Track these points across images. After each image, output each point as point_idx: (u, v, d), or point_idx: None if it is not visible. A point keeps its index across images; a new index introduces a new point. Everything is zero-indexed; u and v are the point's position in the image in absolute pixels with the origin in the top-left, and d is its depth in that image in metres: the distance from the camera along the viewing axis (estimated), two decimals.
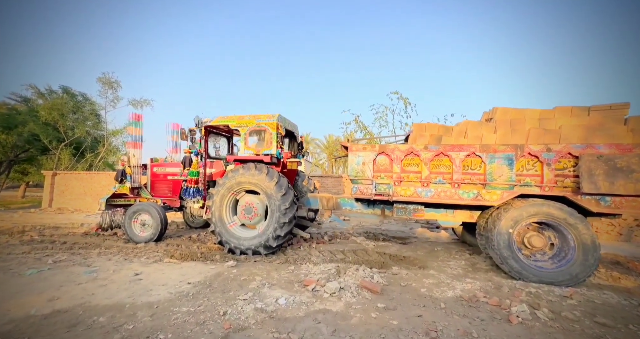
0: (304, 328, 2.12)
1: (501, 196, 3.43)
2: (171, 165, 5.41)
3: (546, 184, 3.26)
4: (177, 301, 2.53)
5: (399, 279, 3.23)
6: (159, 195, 5.29)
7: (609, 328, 2.13)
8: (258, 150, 4.28)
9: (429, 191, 3.69)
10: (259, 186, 4.06)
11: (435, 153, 3.63)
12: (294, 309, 2.42)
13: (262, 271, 3.48)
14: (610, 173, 2.96)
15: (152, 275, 3.23)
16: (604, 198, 3.06)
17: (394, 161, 3.81)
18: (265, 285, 2.95)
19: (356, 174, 3.93)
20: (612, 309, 2.43)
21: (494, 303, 2.52)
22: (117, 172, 5.52)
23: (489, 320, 2.26)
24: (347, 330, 2.09)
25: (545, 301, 2.59)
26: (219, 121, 4.53)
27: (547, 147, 3.24)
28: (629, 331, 2.09)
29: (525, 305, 2.40)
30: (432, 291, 2.88)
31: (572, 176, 3.21)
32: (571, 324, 2.19)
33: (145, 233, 4.75)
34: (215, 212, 4.21)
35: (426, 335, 2.03)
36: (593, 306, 2.49)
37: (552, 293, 2.81)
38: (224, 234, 4.15)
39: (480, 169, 3.52)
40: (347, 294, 2.74)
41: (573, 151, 3.14)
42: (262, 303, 2.48)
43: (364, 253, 4.30)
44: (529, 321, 2.22)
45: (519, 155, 3.33)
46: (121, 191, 5.34)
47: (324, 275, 3.26)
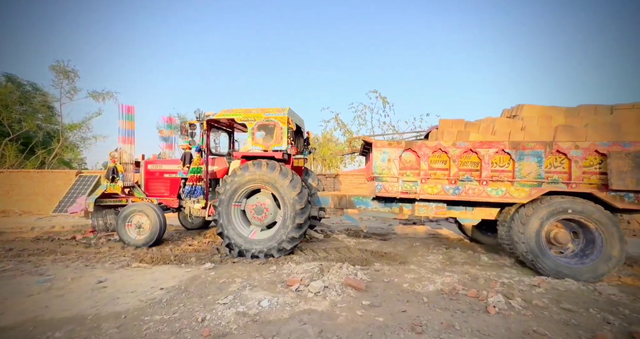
0: (290, 330, 2.03)
1: (529, 193, 3.38)
2: (168, 162, 5.03)
3: (574, 181, 3.26)
4: (149, 308, 2.31)
5: (381, 275, 3.26)
6: (154, 194, 4.88)
7: (573, 312, 2.31)
8: (267, 146, 4.05)
9: (457, 189, 3.58)
10: (271, 185, 3.82)
11: (464, 150, 3.53)
12: (278, 311, 2.32)
13: (243, 272, 3.33)
14: (637, 170, 3.02)
15: (118, 282, 2.93)
16: (628, 194, 3.13)
17: (421, 158, 3.66)
18: (246, 287, 2.81)
19: (381, 172, 3.76)
20: (574, 295, 2.65)
21: (472, 295, 2.62)
22: (108, 169, 4.94)
23: (469, 312, 2.34)
24: (334, 330, 2.04)
25: (517, 290, 2.75)
26: (223, 115, 4.24)
27: (575, 145, 3.25)
28: (590, 314, 2.29)
29: (501, 295, 2.53)
30: (414, 285, 2.94)
31: (598, 173, 3.23)
32: (541, 311, 2.34)
33: (142, 236, 4.35)
34: (222, 212, 3.92)
35: (412, 330, 2.04)
36: (558, 293, 2.69)
37: (522, 282, 3.00)
38: (232, 237, 3.87)
39: (508, 166, 3.47)
40: (331, 292, 2.70)
41: (600, 148, 3.17)
42: (243, 306, 2.35)
43: (346, 250, 4.30)
44: (505, 311, 2.33)
45: (547, 152, 3.32)
46: (112, 190, 4.86)
47: (308, 274, 3.19)
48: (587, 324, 2.14)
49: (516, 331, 2.04)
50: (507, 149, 3.41)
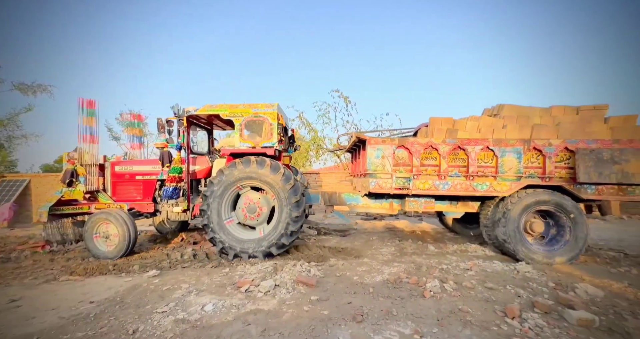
0: (231, 332, 1.99)
1: (510, 187, 3.65)
2: (139, 162, 4.52)
3: (547, 175, 3.58)
4: (70, 326, 2.08)
5: (335, 270, 3.35)
6: (124, 199, 4.35)
7: (494, 290, 2.62)
8: (256, 142, 3.87)
9: (446, 184, 3.76)
10: (263, 181, 3.69)
11: (452, 147, 3.71)
12: (223, 314, 2.25)
13: (191, 277, 3.16)
14: (598, 165, 3.38)
15: (37, 299, 2.59)
16: (591, 186, 3.51)
17: (413, 155, 3.78)
18: (192, 292, 2.67)
19: (375, 168, 3.83)
20: (497, 275, 3.00)
21: (413, 282, 2.83)
22: (65, 172, 4.24)
23: (408, 297, 2.52)
24: (277, 327, 2.04)
25: (452, 275, 3.03)
26: (207, 110, 3.96)
27: (548, 142, 3.56)
28: (506, 290, 2.61)
29: (437, 280, 2.77)
30: (363, 277, 3.07)
31: (567, 167, 3.59)
32: (468, 291, 2.61)
33: (111, 247, 3.87)
34: (212, 214, 3.68)
35: (353, 320, 2.13)
36: (485, 274, 3.02)
37: (458, 267, 3.31)
38: (225, 240, 3.67)
39: (492, 162, 3.71)
40: (282, 291, 2.70)
41: (569, 145, 3.51)
42: (184, 313, 2.23)
43: (304, 248, 4.34)
44: (439, 294, 2.56)
45: (526, 149, 3.60)
46: (70, 196, 4.20)
47: (261, 274, 3.14)
48: (502, 299, 2.44)
49: (445, 310, 2.25)
50: (491, 146, 3.66)
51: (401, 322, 2.10)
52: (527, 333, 1.90)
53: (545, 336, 1.87)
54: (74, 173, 4.22)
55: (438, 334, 1.93)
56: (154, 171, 4.37)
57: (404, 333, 1.96)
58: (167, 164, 4.25)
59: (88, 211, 4.17)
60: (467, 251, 4.23)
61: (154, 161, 4.47)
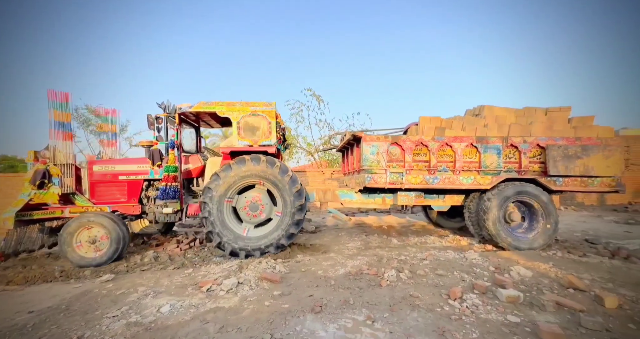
0: (188, 331, 1.97)
1: (491, 180, 3.97)
2: (122, 162, 4.20)
3: (523, 169, 3.94)
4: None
5: (301, 265, 3.42)
6: (105, 201, 3.99)
7: (443, 276, 2.87)
8: (254, 140, 3.84)
9: (436, 179, 4.01)
10: (269, 180, 3.73)
11: (441, 144, 3.97)
12: (180, 315, 2.21)
13: (150, 280, 3.04)
14: (565, 160, 3.78)
15: None
16: (559, 179, 3.90)
17: (406, 151, 3.99)
18: (149, 295, 2.58)
19: (370, 164, 3.99)
20: (448, 263, 3.28)
21: (372, 273, 2.99)
22: (36, 173, 3.70)
23: (366, 288, 2.67)
24: (236, 324, 2.06)
25: (409, 264, 3.26)
26: (202, 108, 3.87)
27: (523, 139, 3.92)
28: (454, 276, 2.87)
29: (394, 270, 2.96)
30: (327, 271, 3.17)
31: (539, 162, 3.96)
32: (421, 278, 2.83)
33: (102, 251, 3.56)
34: (213, 209, 3.63)
35: (312, 311, 2.22)
36: (438, 263, 3.29)
37: (416, 257, 3.56)
38: (224, 235, 3.66)
39: (476, 157, 4.01)
40: (245, 288, 2.70)
41: (540, 142, 3.89)
42: (138, 316, 2.16)
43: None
44: (394, 282, 2.74)
45: (504, 146, 3.94)
46: (40, 199, 3.70)
47: (224, 273, 3.12)
48: (449, 283, 2.69)
49: (397, 297, 2.43)
50: (475, 143, 3.96)
51: (357, 310, 2.23)
52: (464, 312, 2.13)
53: (479, 313, 2.11)
54: (47, 174, 3.75)
55: (388, 318, 2.08)
56: (140, 170, 4.07)
57: (358, 319, 2.09)
58: (157, 162, 4.01)
59: (61, 215, 3.79)
60: (427, 242, 4.55)
61: (140, 159, 4.14)
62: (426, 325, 1.97)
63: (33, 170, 3.75)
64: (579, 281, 2.52)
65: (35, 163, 3.79)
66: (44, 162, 3.79)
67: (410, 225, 6.22)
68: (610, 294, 2.24)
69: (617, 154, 3.76)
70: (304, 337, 1.87)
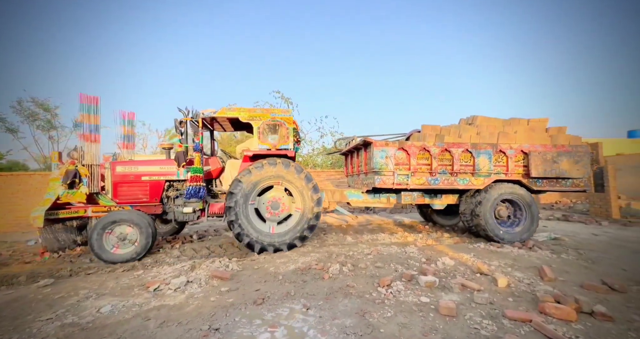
0: (126, 329, 2.04)
1: (484, 182, 4.49)
2: (145, 163, 4.36)
3: (509, 172, 4.47)
4: None
5: (254, 263, 3.57)
6: (127, 201, 4.18)
7: (381, 268, 3.21)
8: (274, 145, 4.23)
9: (436, 180, 4.46)
10: (287, 180, 4.11)
11: (441, 149, 4.42)
12: (121, 314, 2.25)
13: (95, 283, 2.99)
14: (544, 164, 4.35)
15: None
16: (539, 180, 4.50)
17: (411, 155, 4.41)
18: (90, 298, 2.56)
19: (380, 167, 4.40)
20: (389, 256, 3.65)
21: (319, 268, 3.25)
22: (67, 173, 3.90)
23: (310, 281, 2.91)
24: (177, 319, 2.17)
25: (354, 259, 3.57)
26: (226, 113, 4.20)
27: (510, 146, 4.46)
28: (390, 267, 3.24)
29: (339, 265, 3.25)
30: (278, 268, 3.36)
31: (523, 166, 4.51)
32: (361, 271, 3.15)
33: (128, 249, 3.77)
34: (240, 211, 3.92)
35: (254, 303, 2.40)
36: (379, 257, 3.65)
37: (363, 252, 3.90)
38: (251, 234, 3.96)
39: (470, 161, 4.48)
40: (193, 286, 2.80)
41: (524, 149, 4.45)
42: (74, 317, 2.17)
43: (230, 245, 4.44)
44: (336, 275, 3.02)
45: (494, 151, 4.45)
46: (69, 198, 3.87)
47: (175, 273, 3.17)
48: (384, 274, 3.03)
49: (335, 288, 2.70)
50: (469, 149, 4.44)
51: (296, 300, 2.45)
52: (388, 296, 2.47)
53: (399, 296, 2.46)
54: (77, 174, 3.97)
55: (322, 306, 2.34)
56: (162, 171, 4.30)
57: (295, 308, 2.32)
58: (182, 163, 4.24)
59: (84, 214, 4.00)
60: (377, 239, 4.94)
61: (163, 161, 4.41)
62: (352, 309, 2.26)
63: (63, 170, 3.95)
64: (485, 267, 3.01)
65: (60, 163, 4.02)
66: (73, 162, 4.00)
67: (368, 223, 6.65)
68: (503, 276, 2.73)
69: (584, 159, 4.45)
70: (240, 326, 2.04)
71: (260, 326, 2.04)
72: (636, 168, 9.70)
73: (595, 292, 2.44)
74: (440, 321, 2.04)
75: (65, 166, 3.95)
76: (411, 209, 9.54)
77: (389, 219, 7.48)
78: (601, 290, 2.43)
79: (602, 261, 3.42)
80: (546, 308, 2.04)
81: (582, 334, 1.81)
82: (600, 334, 1.81)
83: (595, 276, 2.86)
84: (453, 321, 2.04)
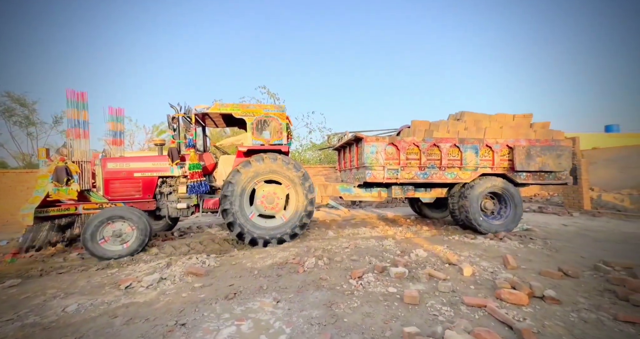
0: (91, 327, 2.02)
1: (471, 175, 4.62)
2: (137, 159, 4.33)
3: (495, 166, 4.61)
4: None
5: (232, 259, 3.57)
6: (119, 197, 4.17)
7: (356, 261, 3.28)
8: (267, 140, 4.27)
9: (425, 174, 4.59)
10: (285, 176, 4.17)
11: (430, 144, 4.53)
12: (87, 312, 2.23)
13: (64, 282, 2.94)
14: (527, 158, 4.51)
15: None
16: (523, 174, 4.65)
17: (401, 150, 4.50)
18: (57, 297, 2.52)
19: (371, 162, 4.49)
20: (366, 249, 3.73)
21: (295, 262, 3.28)
22: (58, 170, 3.79)
23: (285, 275, 2.94)
24: (145, 315, 2.16)
25: (331, 253, 3.62)
26: (219, 109, 4.23)
27: (496, 141, 4.58)
28: (364, 260, 3.30)
29: (314, 258, 3.30)
30: (256, 263, 3.38)
31: (508, 160, 4.67)
32: (336, 264, 3.20)
33: (127, 244, 3.79)
34: (235, 202, 3.99)
35: (225, 298, 2.42)
36: (357, 250, 3.72)
37: (341, 246, 3.96)
38: (244, 225, 4.03)
39: (458, 156, 4.60)
40: (167, 283, 2.79)
41: (509, 143, 4.59)
42: (37, 317, 2.13)
43: (210, 242, 4.43)
44: (312, 269, 3.06)
45: (481, 146, 4.57)
46: (61, 196, 3.80)
47: (150, 270, 3.15)
48: (358, 266, 3.10)
49: (309, 281, 2.74)
50: (457, 144, 4.55)
51: (267, 294, 2.49)
52: (357, 288, 2.53)
53: (368, 288, 2.53)
54: (68, 171, 3.86)
55: (292, 298, 2.38)
56: (155, 167, 4.27)
57: (265, 301, 2.35)
58: (177, 160, 4.24)
59: (75, 212, 3.94)
60: (358, 233, 5.03)
61: (155, 157, 4.38)
62: (321, 301, 2.31)
63: (52, 167, 3.82)
64: (454, 257, 3.13)
65: (48, 160, 3.91)
66: (63, 159, 3.89)
67: (352, 218, 6.74)
68: (469, 265, 2.85)
69: (566, 153, 4.71)
70: (208, 320, 2.06)
71: (228, 319, 2.06)
72: (610, 161, 10.16)
73: (550, 278, 2.58)
74: (403, 309, 2.11)
75: (54, 163, 3.86)
76: (396, 203, 9.71)
77: (373, 213, 7.60)
78: (556, 276, 2.57)
79: (565, 249, 3.61)
80: (502, 294, 2.15)
81: (529, 317, 1.92)
82: (546, 316, 1.92)
83: (555, 263, 3.01)
84: (415, 308, 2.12)
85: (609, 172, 10.13)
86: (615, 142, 15.43)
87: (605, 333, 1.75)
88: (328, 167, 10.00)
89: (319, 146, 12.08)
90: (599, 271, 2.72)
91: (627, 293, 2.11)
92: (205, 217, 7.35)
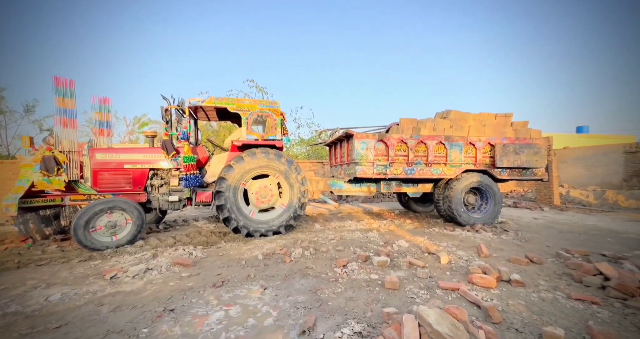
0: (76, 315, 2.02)
1: (455, 171, 4.85)
2: (127, 150, 4.23)
3: (478, 162, 4.86)
4: None
5: (219, 251, 3.61)
6: (108, 189, 4.06)
7: (341, 251, 3.42)
8: (262, 135, 4.30)
9: (412, 170, 4.79)
10: (278, 170, 4.24)
11: (417, 141, 4.72)
12: (72, 301, 2.22)
13: (45, 274, 2.88)
14: (508, 155, 4.79)
15: None
16: (503, 170, 4.95)
17: (390, 147, 4.65)
18: (38, 287, 2.48)
19: (361, 158, 4.62)
20: (351, 241, 3.88)
21: (283, 252, 3.38)
22: (46, 159, 3.66)
23: (272, 264, 3.03)
24: (132, 303, 2.18)
25: (317, 244, 3.74)
26: (214, 103, 4.21)
27: (479, 139, 4.82)
28: (349, 250, 3.45)
29: (301, 249, 3.40)
30: (243, 254, 3.44)
31: (489, 157, 4.92)
32: (322, 254, 3.32)
33: (121, 235, 3.75)
34: (230, 197, 4.03)
35: (213, 286, 2.47)
36: (343, 242, 3.86)
37: (327, 238, 4.09)
38: (240, 219, 4.09)
39: (443, 153, 4.81)
40: (153, 273, 2.80)
41: (491, 141, 4.83)
42: (19, 307, 2.10)
43: (197, 234, 4.42)
44: (298, 259, 3.17)
45: (465, 143, 4.80)
46: (47, 186, 3.67)
47: (136, 261, 3.14)
48: (343, 256, 3.24)
49: (295, 270, 2.84)
50: (443, 141, 4.75)
51: (255, 282, 2.56)
52: (342, 275, 2.66)
53: (352, 275, 2.66)
54: (57, 160, 3.73)
55: (279, 286, 2.47)
56: (146, 159, 4.20)
57: (253, 289, 2.43)
58: (172, 152, 4.19)
59: (61, 203, 3.84)
60: (344, 226, 5.18)
61: (147, 149, 4.30)
62: (307, 287, 2.41)
63: (38, 156, 3.68)
64: (434, 247, 3.33)
65: (32, 149, 3.77)
66: (50, 148, 3.75)
67: (338, 212, 6.90)
68: (447, 254, 3.05)
69: (542, 151, 5.01)
70: (196, 306, 2.12)
71: (217, 305, 2.12)
72: (578, 160, 10.90)
73: (518, 264, 2.82)
74: (383, 294, 2.26)
75: (39, 152, 3.70)
76: (382, 198, 9.99)
77: (359, 207, 7.79)
78: (523, 263, 2.82)
79: (533, 240, 3.91)
80: (473, 278, 2.34)
81: (496, 297, 2.12)
82: (511, 296, 2.13)
83: (523, 252, 3.28)
84: (395, 292, 2.27)
85: (577, 170, 10.88)
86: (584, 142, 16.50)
87: (559, 309, 1.97)
88: (316, 163, 10.09)
89: (308, 142, 12.12)
90: (560, 258, 3.01)
91: (581, 275, 2.37)
92: (190, 211, 7.26)
